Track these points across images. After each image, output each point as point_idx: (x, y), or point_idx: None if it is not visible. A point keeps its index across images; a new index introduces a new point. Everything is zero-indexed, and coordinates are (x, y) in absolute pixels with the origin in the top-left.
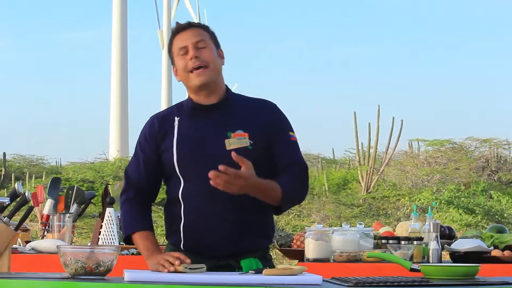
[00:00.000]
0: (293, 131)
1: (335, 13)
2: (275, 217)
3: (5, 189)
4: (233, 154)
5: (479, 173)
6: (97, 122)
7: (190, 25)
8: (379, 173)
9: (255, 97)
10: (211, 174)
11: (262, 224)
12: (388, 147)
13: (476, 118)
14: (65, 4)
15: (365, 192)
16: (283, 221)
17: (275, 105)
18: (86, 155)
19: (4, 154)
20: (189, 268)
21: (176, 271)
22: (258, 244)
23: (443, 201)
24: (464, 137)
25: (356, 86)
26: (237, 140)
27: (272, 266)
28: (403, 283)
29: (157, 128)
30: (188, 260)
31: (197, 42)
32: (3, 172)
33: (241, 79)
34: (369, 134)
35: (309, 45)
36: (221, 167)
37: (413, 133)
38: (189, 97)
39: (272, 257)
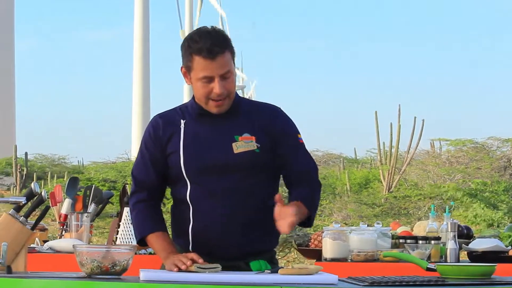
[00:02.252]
0: (299, 133)
1: (356, 13)
2: None
3: (27, 189)
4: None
5: (500, 172)
6: (120, 121)
7: (217, 52)
8: (400, 172)
9: (260, 101)
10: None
11: (271, 226)
12: (409, 147)
13: (498, 118)
14: (88, 3)
15: (386, 191)
16: None
17: (279, 108)
18: (108, 154)
19: (26, 153)
20: (202, 268)
21: (190, 271)
22: (266, 245)
23: (466, 193)
24: (486, 137)
25: (377, 86)
26: (244, 144)
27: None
28: (419, 283)
29: (162, 129)
30: (201, 260)
31: (224, 74)
32: (25, 172)
33: (262, 78)
34: (391, 134)
35: (331, 45)
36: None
37: (435, 132)
38: (194, 100)
39: (293, 257)
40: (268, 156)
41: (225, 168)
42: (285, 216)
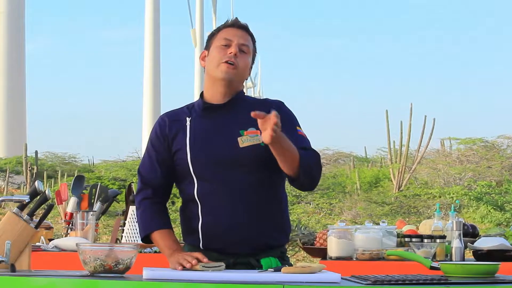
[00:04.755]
0: (300, 127)
1: (368, 13)
2: (306, 215)
3: (31, 187)
4: (253, 113)
5: (511, 171)
6: (130, 120)
7: (245, 28)
8: (411, 171)
9: (264, 97)
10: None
11: (280, 221)
12: (420, 146)
13: (508, 116)
14: (100, 2)
15: (396, 190)
16: (313, 220)
17: (282, 103)
18: (118, 153)
19: (36, 152)
20: (207, 267)
21: (194, 270)
22: (276, 241)
23: (472, 197)
24: (496, 135)
25: (388, 85)
26: (249, 138)
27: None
28: (422, 281)
29: (168, 127)
30: (206, 260)
31: (242, 45)
32: (35, 171)
33: (274, 76)
34: (401, 133)
35: (341, 43)
36: (253, 114)
37: (445, 131)
38: (200, 97)
39: (303, 256)
40: None
41: (231, 163)
42: (267, 126)
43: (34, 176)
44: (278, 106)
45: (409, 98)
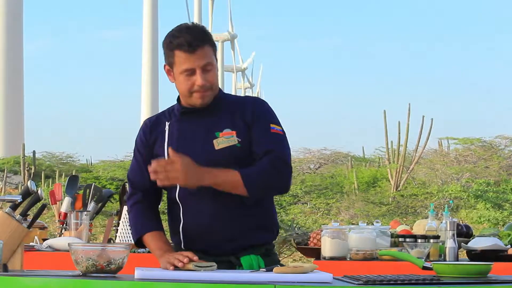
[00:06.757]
0: (277, 125)
1: (367, 12)
2: (303, 215)
3: (23, 187)
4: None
5: (509, 171)
6: (128, 120)
7: (197, 45)
8: (408, 171)
9: (245, 95)
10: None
11: (262, 220)
12: (417, 146)
13: (505, 116)
14: (97, 3)
15: (394, 190)
16: (310, 220)
17: (261, 100)
18: (116, 153)
19: (34, 152)
20: (199, 266)
21: (186, 269)
22: (258, 240)
23: (470, 195)
24: (494, 136)
25: (386, 85)
26: (225, 139)
27: (275, 261)
28: (414, 281)
29: (149, 132)
30: (196, 258)
31: (205, 65)
32: (33, 171)
33: (271, 76)
34: (399, 133)
35: (340, 44)
36: (153, 163)
37: (443, 131)
38: (178, 100)
39: (299, 256)
40: (250, 149)
41: (208, 165)
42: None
43: (31, 176)
44: (255, 104)
45: (407, 98)
